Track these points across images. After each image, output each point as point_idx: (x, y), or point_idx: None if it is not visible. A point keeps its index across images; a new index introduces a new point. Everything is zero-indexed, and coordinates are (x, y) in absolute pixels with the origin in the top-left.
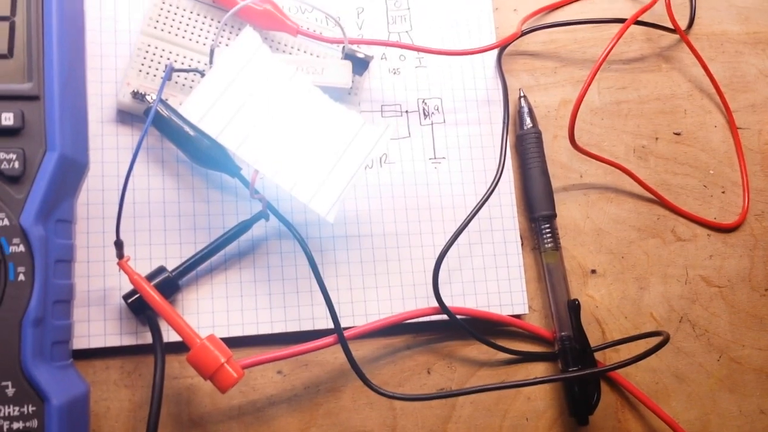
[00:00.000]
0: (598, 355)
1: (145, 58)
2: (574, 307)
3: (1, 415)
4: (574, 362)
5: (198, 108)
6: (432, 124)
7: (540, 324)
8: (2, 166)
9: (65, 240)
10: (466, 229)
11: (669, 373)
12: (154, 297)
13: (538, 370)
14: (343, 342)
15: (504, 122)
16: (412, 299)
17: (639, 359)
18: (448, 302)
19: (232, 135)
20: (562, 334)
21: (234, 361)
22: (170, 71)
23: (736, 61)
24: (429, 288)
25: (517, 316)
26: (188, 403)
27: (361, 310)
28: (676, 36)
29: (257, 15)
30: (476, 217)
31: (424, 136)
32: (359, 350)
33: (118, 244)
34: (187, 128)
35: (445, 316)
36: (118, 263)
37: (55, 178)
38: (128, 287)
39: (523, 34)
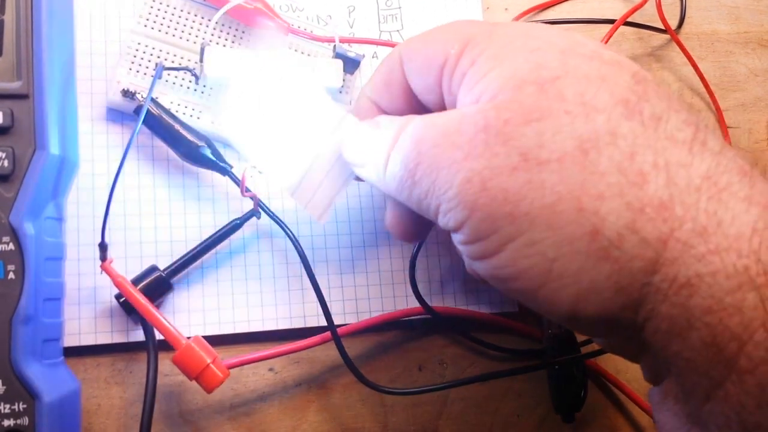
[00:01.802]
0: (588, 350)
1: (135, 56)
2: None
3: None
4: (560, 354)
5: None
6: None
7: (532, 321)
8: None
9: (55, 238)
10: None
11: None
12: (138, 299)
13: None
14: (336, 339)
15: None
16: (403, 297)
17: None
18: (438, 300)
19: (243, 133)
20: (550, 330)
21: (220, 362)
22: (161, 70)
23: (726, 61)
24: (421, 286)
25: (508, 314)
26: (179, 400)
27: (352, 308)
28: (667, 36)
29: (248, 13)
30: None
31: None
32: (350, 348)
33: (102, 246)
34: (177, 126)
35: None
36: (101, 266)
37: (45, 176)
38: None
39: None
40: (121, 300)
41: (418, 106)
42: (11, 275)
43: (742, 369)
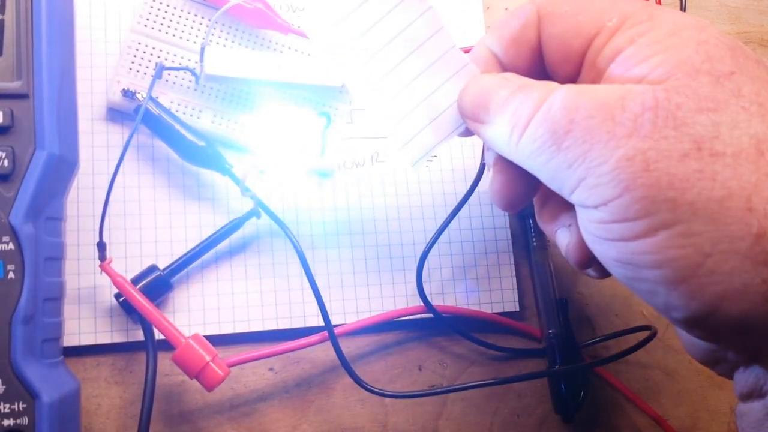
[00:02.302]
0: (588, 352)
1: (135, 56)
2: (562, 305)
3: None
4: (561, 359)
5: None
6: None
7: (533, 321)
8: None
9: (55, 238)
10: (459, 228)
11: (659, 370)
12: (137, 298)
13: (529, 367)
14: (333, 339)
15: None
16: (403, 297)
17: (625, 354)
18: (439, 300)
19: (354, 58)
20: (549, 331)
21: (219, 360)
22: (161, 69)
23: None
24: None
25: (509, 314)
26: (179, 399)
27: (353, 308)
28: None
29: (248, 13)
30: (468, 215)
31: None
32: (350, 347)
33: (101, 246)
34: (178, 126)
35: None
36: (100, 266)
37: (45, 176)
38: None
39: None
40: (121, 300)
41: (540, 70)
42: (11, 275)
43: None
